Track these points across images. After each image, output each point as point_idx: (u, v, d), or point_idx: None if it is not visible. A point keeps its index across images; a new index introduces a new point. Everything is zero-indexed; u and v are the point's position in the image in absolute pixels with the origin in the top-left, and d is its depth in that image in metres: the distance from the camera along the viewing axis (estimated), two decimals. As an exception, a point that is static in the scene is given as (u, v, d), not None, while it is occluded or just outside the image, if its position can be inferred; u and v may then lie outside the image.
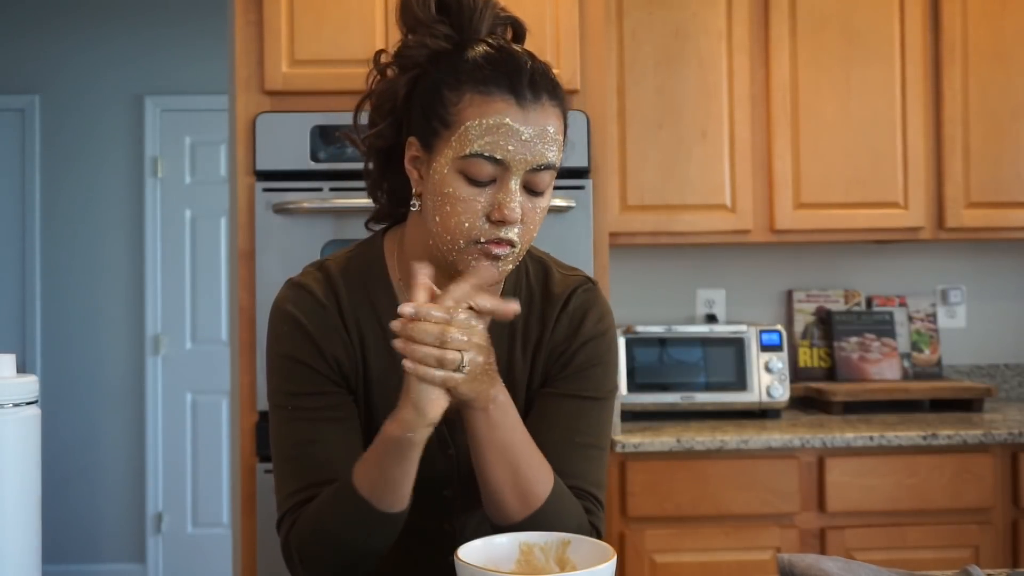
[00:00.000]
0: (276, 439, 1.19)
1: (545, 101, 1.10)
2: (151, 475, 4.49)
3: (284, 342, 1.18)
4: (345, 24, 2.39)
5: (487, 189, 1.08)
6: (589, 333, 1.23)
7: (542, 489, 1.10)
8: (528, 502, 1.10)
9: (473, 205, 1.08)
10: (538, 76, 1.10)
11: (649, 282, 3.09)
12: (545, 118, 1.09)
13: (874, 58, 2.79)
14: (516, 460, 1.09)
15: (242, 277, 2.36)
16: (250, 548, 2.31)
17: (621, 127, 2.75)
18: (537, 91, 1.09)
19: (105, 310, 4.55)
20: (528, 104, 1.08)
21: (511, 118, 1.07)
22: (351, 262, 1.24)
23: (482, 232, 1.08)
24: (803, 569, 1.09)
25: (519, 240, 1.10)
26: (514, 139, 1.07)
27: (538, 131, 1.08)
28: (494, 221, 1.08)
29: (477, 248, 1.09)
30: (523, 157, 1.07)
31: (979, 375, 3.14)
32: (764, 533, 2.43)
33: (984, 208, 2.81)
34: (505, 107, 1.08)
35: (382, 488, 1.06)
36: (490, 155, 1.07)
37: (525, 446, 1.11)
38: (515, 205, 1.07)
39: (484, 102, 1.08)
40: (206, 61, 4.42)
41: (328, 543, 1.10)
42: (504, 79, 1.09)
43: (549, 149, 1.09)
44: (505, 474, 1.09)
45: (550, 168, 1.10)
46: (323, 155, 2.35)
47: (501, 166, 1.08)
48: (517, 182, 1.08)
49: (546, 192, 1.12)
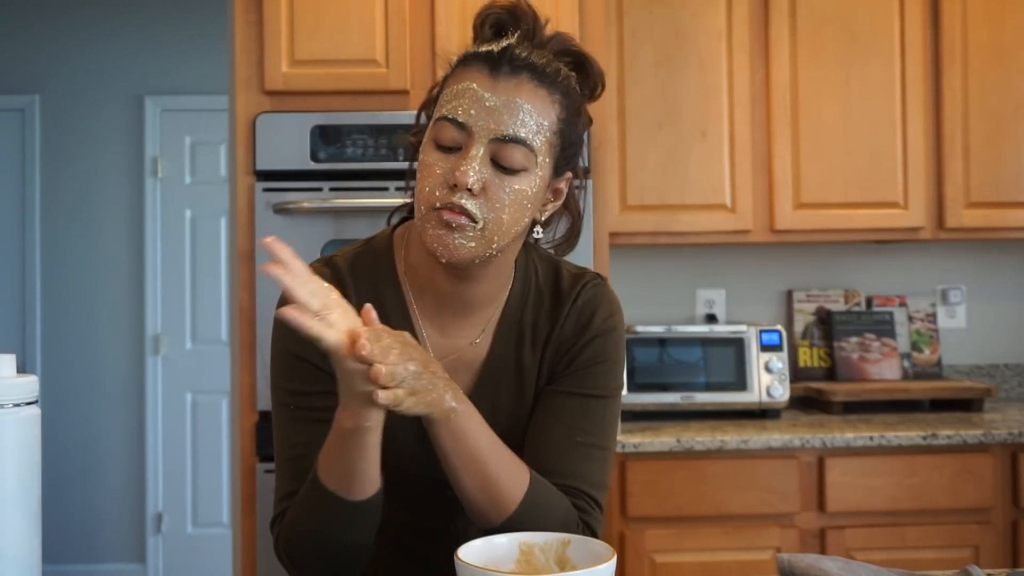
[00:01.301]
0: (278, 438, 1.19)
1: (524, 79, 1.09)
2: (151, 475, 4.49)
3: (289, 339, 1.17)
4: (345, 24, 2.39)
5: (452, 156, 1.09)
6: (597, 329, 1.22)
7: (515, 493, 1.09)
8: (502, 507, 1.09)
9: (436, 170, 1.08)
10: (524, 59, 1.10)
11: (649, 282, 3.09)
12: (518, 92, 1.09)
13: (874, 58, 2.80)
14: (484, 467, 1.08)
15: (242, 277, 2.36)
16: (250, 548, 2.31)
17: (621, 127, 2.75)
18: (516, 68, 1.09)
19: (105, 310, 4.55)
20: (501, 76, 1.09)
21: (477, 84, 1.09)
22: (359, 258, 1.23)
23: (439, 198, 1.08)
24: (803, 569, 1.09)
25: (480, 215, 1.07)
26: (477, 104, 1.08)
27: (504, 100, 1.08)
28: (450, 186, 1.07)
29: (434, 214, 1.08)
30: (485, 124, 1.07)
31: (979, 375, 3.14)
32: (764, 533, 2.43)
33: (984, 208, 2.81)
34: (476, 75, 1.09)
35: (349, 478, 1.05)
36: (452, 118, 1.08)
37: (493, 452, 1.09)
38: (468, 169, 1.06)
39: (461, 72, 1.11)
40: (206, 61, 4.42)
41: (307, 540, 1.10)
42: (485, 53, 1.11)
43: (519, 122, 1.08)
44: (475, 481, 1.08)
45: (519, 143, 1.08)
46: (323, 155, 2.35)
47: (464, 131, 1.08)
48: (480, 150, 1.07)
49: (521, 174, 1.09)
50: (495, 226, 1.09)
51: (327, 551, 1.10)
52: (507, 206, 1.09)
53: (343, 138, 2.35)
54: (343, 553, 1.10)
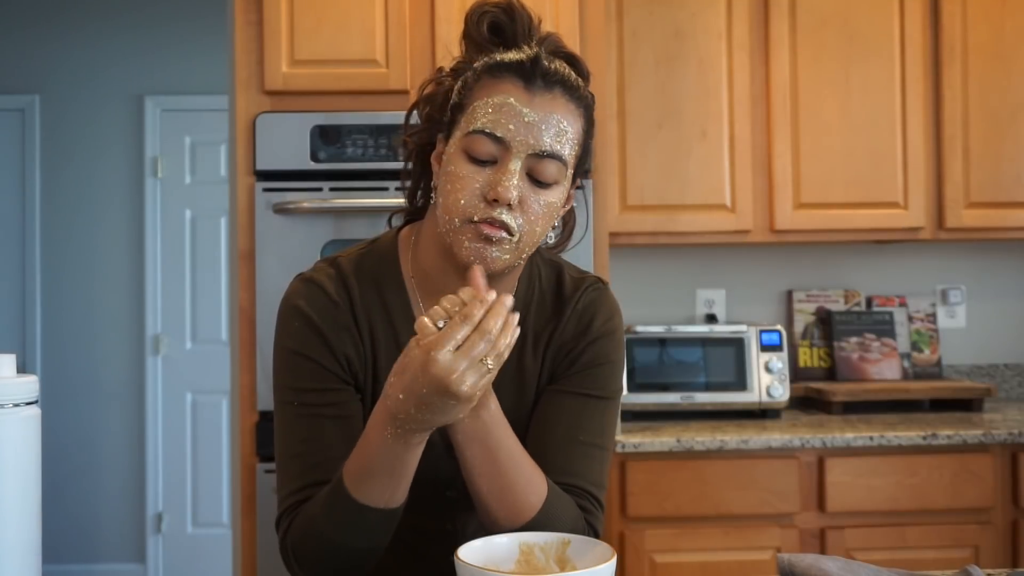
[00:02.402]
0: (280, 436, 1.19)
1: (558, 94, 1.10)
2: (151, 475, 4.49)
3: (294, 338, 1.18)
4: (345, 24, 2.39)
5: (487, 169, 1.09)
6: (597, 332, 1.23)
7: (534, 502, 1.10)
8: (519, 515, 1.09)
9: (471, 183, 1.08)
10: (556, 72, 1.11)
11: (649, 282, 3.09)
12: (553, 107, 1.09)
13: (874, 58, 2.80)
14: (506, 474, 1.08)
15: (242, 277, 2.36)
16: (250, 548, 2.31)
17: (621, 127, 2.75)
18: (550, 83, 1.10)
19: (105, 310, 4.54)
20: (536, 90, 1.09)
21: (515, 98, 1.09)
22: (364, 259, 1.23)
23: (476, 211, 1.08)
24: (803, 569, 1.09)
25: (517, 229, 1.08)
26: (516, 119, 1.08)
27: (542, 116, 1.09)
28: (489, 200, 1.07)
29: (471, 227, 1.08)
30: (523, 139, 1.08)
31: (979, 375, 3.14)
32: (764, 533, 2.43)
33: (984, 208, 2.81)
34: (512, 88, 1.09)
35: (388, 489, 1.06)
36: (491, 132, 1.08)
37: (515, 459, 1.09)
38: (510, 185, 1.07)
39: (494, 83, 1.10)
40: (206, 61, 4.42)
41: (322, 542, 1.09)
42: (516, 64, 1.10)
43: (555, 138, 1.09)
44: (494, 487, 1.09)
45: (555, 158, 1.09)
46: (323, 155, 2.35)
47: (502, 145, 1.08)
48: (518, 164, 1.08)
49: (554, 187, 1.11)
50: (528, 238, 1.11)
51: (341, 554, 1.10)
52: (540, 218, 1.11)
53: (343, 138, 2.35)
54: (357, 557, 1.10)
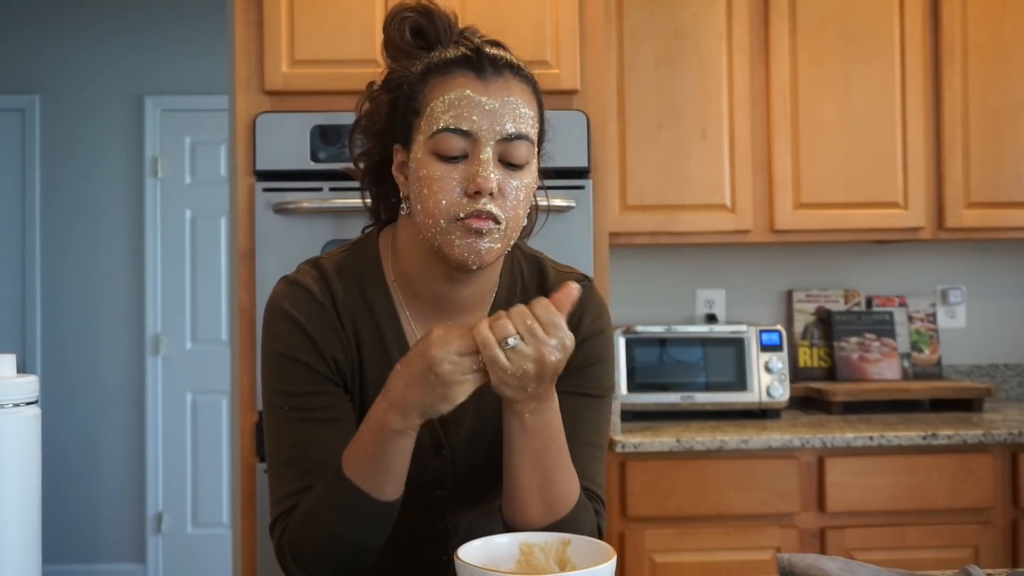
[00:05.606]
0: (271, 440, 1.18)
1: (508, 76, 1.12)
2: (151, 475, 4.49)
3: (281, 341, 1.18)
4: (345, 24, 2.39)
5: (460, 165, 1.09)
6: (587, 331, 1.23)
7: (570, 500, 1.11)
8: (553, 511, 1.10)
9: (448, 182, 1.09)
10: (501, 58, 1.13)
11: (649, 282, 3.09)
12: (508, 91, 1.11)
13: (874, 58, 2.80)
14: (547, 470, 1.09)
15: (242, 277, 2.36)
16: (250, 548, 2.31)
17: (621, 127, 2.75)
18: (498, 67, 1.12)
19: (105, 310, 4.55)
20: (489, 78, 1.11)
21: (471, 90, 1.10)
22: (346, 260, 1.24)
23: (461, 207, 1.08)
24: (803, 569, 1.09)
25: (502, 216, 1.09)
26: (477, 110, 1.09)
27: (501, 102, 1.10)
28: (471, 194, 1.08)
29: (459, 224, 1.09)
30: (489, 127, 1.09)
31: (979, 375, 3.14)
32: (764, 533, 2.43)
33: (984, 208, 2.81)
34: (465, 81, 1.11)
35: (383, 478, 1.07)
36: (456, 127, 1.09)
37: (561, 455, 1.11)
38: (488, 174, 1.07)
39: (444, 81, 1.12)
40: (206, 61, 4.42)
41: (322, 536, 1.09)
42: (462, 59, 1.12)
43: (518, 120, 1.10)
44: (534, 482, 1.10)
45: (523, 138, 1.10)
46: (323, 155, 2.35)
47: (470, 138, 1.09)
48: (489, 153, 1.09)
49: (526, 168, 1.12)
50: (514, 223, 1.12)
51: (341, 549, 1.10)
52: (521, 201, 1.12)
53: (343, 138, 2.35)
54: (356, 553, 1.10)
